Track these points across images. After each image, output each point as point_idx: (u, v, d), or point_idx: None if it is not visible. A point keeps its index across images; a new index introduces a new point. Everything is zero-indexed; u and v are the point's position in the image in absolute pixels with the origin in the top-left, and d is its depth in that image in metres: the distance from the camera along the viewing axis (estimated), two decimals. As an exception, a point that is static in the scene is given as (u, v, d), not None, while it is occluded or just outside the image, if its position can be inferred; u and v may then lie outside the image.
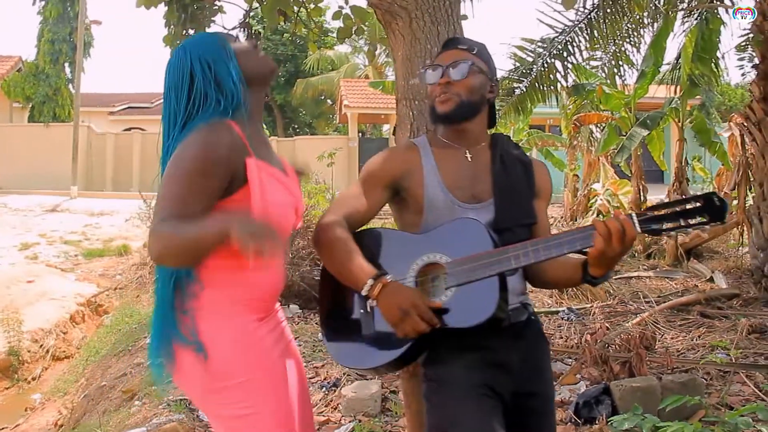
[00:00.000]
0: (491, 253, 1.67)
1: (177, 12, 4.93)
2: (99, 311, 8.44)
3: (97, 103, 27.70)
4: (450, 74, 1.83)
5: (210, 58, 1.73)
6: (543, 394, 1.86)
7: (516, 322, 1.82)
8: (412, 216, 1.88)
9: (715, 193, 1.58)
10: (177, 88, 1.74)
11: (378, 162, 1.92)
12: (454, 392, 1.72)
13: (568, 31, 7.36)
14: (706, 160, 15.56)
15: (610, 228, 1.58)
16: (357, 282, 1.72)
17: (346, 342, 1.81)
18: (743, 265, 7.55)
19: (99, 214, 15.31)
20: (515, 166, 1.91)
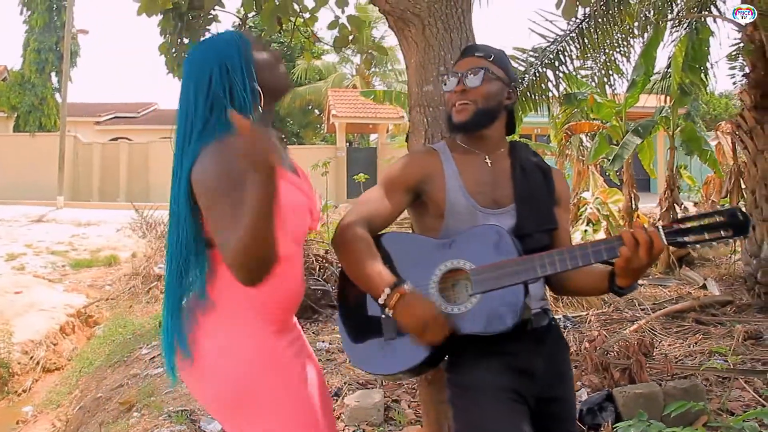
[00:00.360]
0: (517, 261, 1.68)
1: (173, 21, 4.92)
2: (89, 322, 8.34)
3: (83, 113, 27.56)
4: (466, 82, 1.84)
5: (229, 62, 1.70)
6: (565, 399, 1.86)
7: (537, 327, 1.82)
8: (432, 220, 1.88)
9: (738, 207, 1.61)
10: (196, 86, 1.70)
11: (400, 166, 1.92)
12: (482, 396, 1.72)
13: (560, 40, 7.42)
14: (691, 168, 15.71)
15: (638, 239, 1.59)
16: (374, 289, 1.71)
17: (366, 347, 1.79)
18: (735, 272, 7.62)
19: (86, 224, 15.18)
20: (535, 172, 1.92)
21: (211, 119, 1.68)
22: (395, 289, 1.67)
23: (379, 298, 1.69)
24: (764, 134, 5.84)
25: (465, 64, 1.88)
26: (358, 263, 1.75)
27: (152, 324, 6.02)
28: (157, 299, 7.12)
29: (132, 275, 8.22)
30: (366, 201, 1.89)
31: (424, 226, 1.92)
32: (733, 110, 21.48)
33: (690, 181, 13.95)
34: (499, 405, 1.70)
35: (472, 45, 1.99)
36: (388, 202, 1.86)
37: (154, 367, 4.85)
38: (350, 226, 1.80)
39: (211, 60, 1.70)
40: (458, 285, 1.75)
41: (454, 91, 1.86)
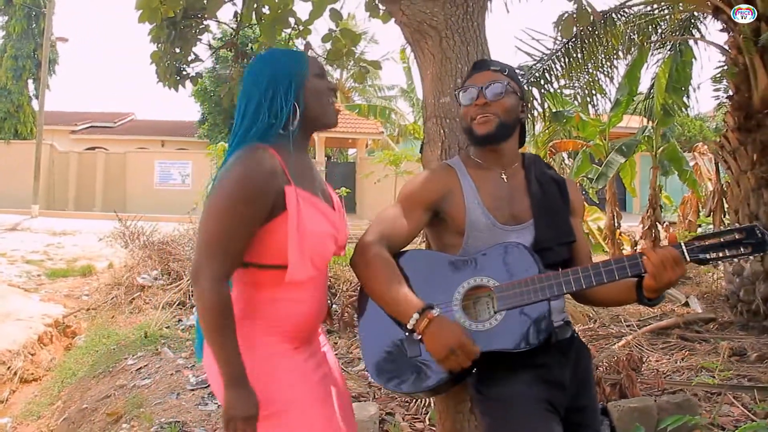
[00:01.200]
0: (540, 277, 1.70)
1: (167, 29, 4.90)
2: (67, 332, 8.19)
3: (58, 121, 27.24)
4: (486, 95, 1.85)
5: (281, 74, 1.73)
6: (591, 408, 1.88)
7: (562, 339, 1.84)
8: (451, 237, 1.89)
9: (757, 225, 1.65)
10: (249, 93, 1.74)
11: (418, 183, 1.92)
12: (521, 408, 1.72)
13: (546, 59, 7.51)
14: (667, 188, 15.95)
15: (662, 258, 1.63)
16: (402, 314, 1.71)
17: (390, 365, 1.78)
18: (716, 290, 7.73)
19: (61, 233, 14.94)
20: (551, 185, 1.94)
21: (257, 126, 1.70)
22: (424, 314, 1.68)
23: (408, 323, 1.69)
24: (747, 155, 5.96)
25: (483, 78, 1.90)
26: (383, 286, 1.75)
27: (137, 335, 5.92)
28: (141, 310, 7.01)
29: (114, 285, 8.09)
30: (385, 220, 1.89)
31: (444, 243, 1.93)
32: (707, 132, 21.91)
33: (667, 200, 14.16)
34: (538, 415, 1.71)
35: (485, 60, 2.01)
36: (407, 221, 1.87)
37: (142, 377, 4.77)
38: (371, 246, 1.80)
39: (267, 70, 1.74)
40: (479, 302, 1.77)
41: (475, 104, 1.87)
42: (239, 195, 1.60)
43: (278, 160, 1.66)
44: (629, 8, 7.47)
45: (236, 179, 1.62)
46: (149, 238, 8.81)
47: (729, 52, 6.28)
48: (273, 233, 1.65)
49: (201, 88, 22.15)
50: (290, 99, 1.72)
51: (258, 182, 1.61)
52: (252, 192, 1.60)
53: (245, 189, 1.60)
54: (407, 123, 19.30)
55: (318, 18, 4.73)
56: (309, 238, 1.67)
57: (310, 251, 1.67)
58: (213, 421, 3.77)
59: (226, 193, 1.62)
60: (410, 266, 1.82)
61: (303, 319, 1.75)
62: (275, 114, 1.70)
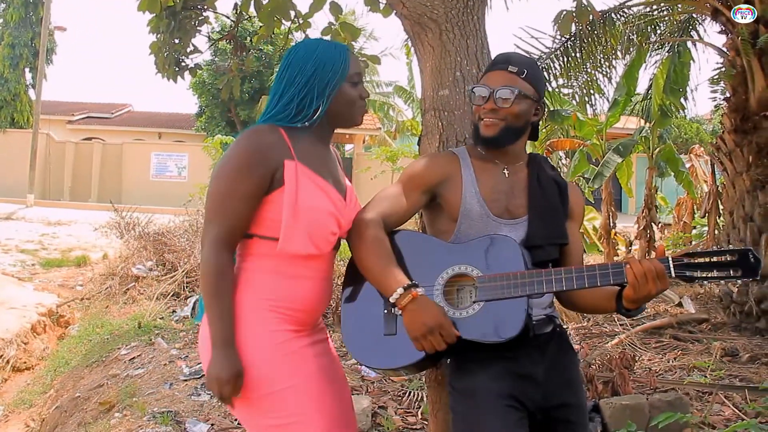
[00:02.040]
0: (524, 274, 1.70)
1: (166, 19, 4.89)
2: (60, 322, 8.18)
3: (55, 111, 27.16)
4: (497, 100, 1.84)
5: (321, 68, 1.78)
6: (576, 405, 1.86)
7: (540, 334, 1.84)
8: (445, 223, 1.90)
9: (751, 249, 1.62)
10: (289, 77, 1.80)
11: (420, 166, 1.94)
12: (480, 403, 1.74)
13: (544, 57, 7.51)
14: (662, 189, 15.99)
15: (645, 270, 1.61)
16: (387, 287, 1.72)
17: (366, 341, 1.80)
18: (709, 291, 7.77)
19: (56, 223, 14.92)
20: (551, 186, 1.94)
21: (282, 114, 1.78)
22: (408, 290, 1.69)
23: (391, 296, 1.70)
24: (743, 156, 5.99)
25: (497, 79, 1.87)
26: (373, 259, 1.77)
27: (131, 325, 5.92)
28: (135, 300, 7.01)
29: (108, 275, 8.09)
30: (384, 198, 1.91)
31: (437, 229, 1.94)
32: (704, 135, 21.96)
33: (663, 202, 14.21)
34: (496, 412, 1.72)
35: (505, 56, 1.96)
36: (406, 201, 1.88)
37: (135, 367, 4.78)
38: (367, 222, 1.82)
39: (308, 58, 1.79)
40: (463, 290, 1.77)
41: (484, 107, 1.86)
42: (238, 163, 1.70)
43: (284, 137, 1.74)
44: (628, 8, 7.47)
45: (238, 150, 1.72)
46: (145, 229, 8.80)
47: (727, 54, 6.30)
48: (272, 204, 1.71)
49: (199, 81, 22.09)
50: (321, 100, 1.79)
51: (257, 153, 1.70)
52: (250, 161, 1.69)
53: (244, 158, 1.70)
54: (405, 119, 19.29)
55: (318, 11, 4.72)
56: (304, 211, 1.71)
57: (305, 225, 1.71)
58: (206, 411, 3.78)
59: (228, 162, 1.72)
60: (402, 245, 1.84)
61: (302, 297, 1.77)
62: (303, 110, 1.78)
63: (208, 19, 5.16)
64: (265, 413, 1.70)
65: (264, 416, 1.71)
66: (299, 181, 1.71)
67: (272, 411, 1.70)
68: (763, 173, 5.83)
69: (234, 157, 1.72)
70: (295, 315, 1.76)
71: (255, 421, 1.74)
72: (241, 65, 5.43)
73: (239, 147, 1.73)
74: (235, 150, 1.73)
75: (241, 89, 5.28)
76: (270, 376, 1.69)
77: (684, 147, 19.72)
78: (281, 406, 1.70)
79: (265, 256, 1.74)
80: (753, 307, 5.86)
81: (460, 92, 2.21)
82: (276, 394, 1.69)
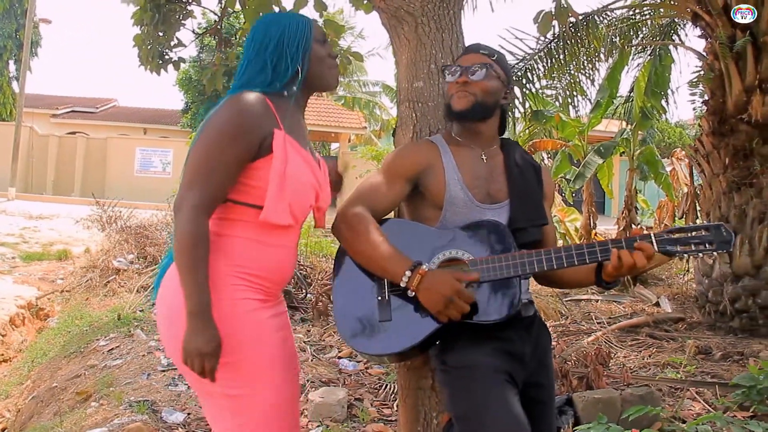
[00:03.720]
0: (514, 255, 1.76)
1: (150, 11, 4.89)
2: (40, 315, 8.14)
3: (39, 104, 26.93)
4: (469, 75, 1.92)
5: (288, 37, 1.79)
6: (547, 385, 1.94)
7: (526, 316, 1.90)
8: (430, 211, 1.94)
9: (723, 224, 1.73)
10: (257, 47, 1.81)
11: (401, 155, 1.98)
12: (481, 378, 1.77)
13: (528, 58, 7.57)
14: (645, 192, 16.13)
15: (621, 257, 1.72)
16: (392, 272, 1.76)
17: (362, 328, 1.83)
18: (686, 291, 7.87)
19: (38, 217, 14.79)
20: (528, 169, 2.01)
21: (259, 79, 1.77)
22: (416, 270, 1.73)
23: (400, 281, 1.73)
24: (720, 159, 6.07)
25: (469, 59, 1.96)
26: (369, 246, 1.80)
27: (110, 317, 5.90)
28: (116, 293, 6.99)
29: (89, 268, 8.06)
30: (368, 189, 1.94)
31: (421, 216, 1.98)
32: (687, 139, 22.18)
33: (644, 204, 14.34)
34: (497, 384, 1.76)
35: (476, 43, 2.05)
36: (390, 191, 1.91)
37: (113, 358, 4.78)
38: (357, 215, 1.85)
39: (275, 29, 1.80)
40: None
41: (456, 81, 1.93)
42: (226, 130, 1.68)
43: (270, 106, 1.74)
44: (611, 11, 7.56)
45: (225, 116, 1.70)
46: (126, 222, 8.78)
47: (706, 58, 6.38)
48: (256, 171, 1.71)
49: (185, 77, 22.03)
50: (296, 62, 1.79)
51: (246, 120, 1.68)
52: (239, 128, 1.68)
53: (233, 125, 1.68)
54: (390, 117, 19.33)
55: (303, 8, 4.75)
56: (290, 182, 1.72)
57: (289, 196, 1.72)
58: (183, 401, 3.79)
59: (214, 127, 1.69)
60: (391, 234, 1.86)
61: (273, 267, 1.78)
62: (279, 75, 1.78)
63: (192, 12, 5.17)
64: (219, 382, 1.67)
65: (218, 384, 1.68)
66: (287, 151, 1.72)
67: (227, 379, 1.68)
68: (739, 175, 5.91)
69: (224, 121, 1.68)
70: (264, 284, 1.77)
71: (207, 387, 1.71)
72: (224, 60, 5.44)
73: (229, 111, 1.70)
74: (224, 115, 1.70)
75: (224, 84, 5.29)
76: (232, 344, 1.67)
77: (667, 151, 19.90)
78: (236, 376, 1.69)
79: (243, 223, 1.73)
80: (727, 307, 5.94)
81: (434, 84, 2.25)
82: (235, 363, 1.68)
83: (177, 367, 1.84)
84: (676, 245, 1.74)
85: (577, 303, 7.38)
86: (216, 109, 1.73)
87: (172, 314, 1.72)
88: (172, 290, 1.70)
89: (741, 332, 5.85)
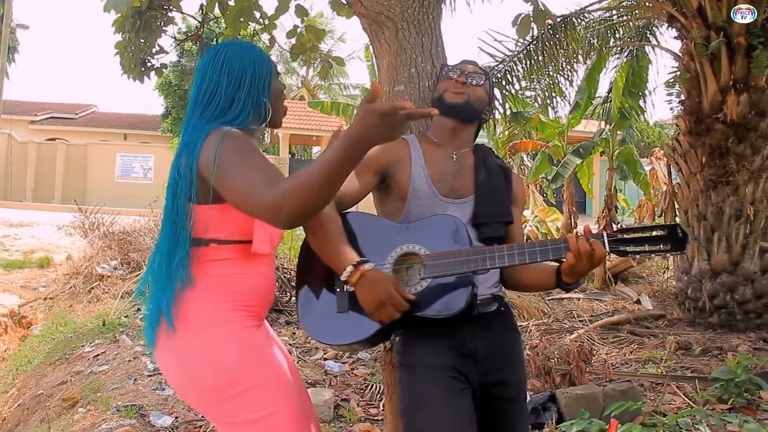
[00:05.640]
0: (468, 251, 1.78)
1: (132, 18, 4.90)
2: (22, 323, 8.09)
3: (17, 111, 26.70)
4: (468, 77, 2.00)
5: (260, 73, 1.81)
6: (513, 382, 1.95)
7: (484, 312, 1.93)
8: (394, 204, 1.99)
9: (679, 225, 1.73)
10: (228, 77, 1.79)
11: (372, 149, 2.01)
12: (421, 375, 1.83)
13: (507, 60, 7.66)
14: (625, 192, 16.31)
15: (580, 247, 1.72)
16: (337, 265, 1.79)
17: (321, 319, 1.87)
18: (667, 289, 7.99)
19: (18, 225, 14.66)
20: (497, 171, 2.06)
21: (230, 112, 1.77)
22: (357, 267, 1.75)
23: (342, 274, 1.77)
24: (697, 158, 6.19)
25: (470, 68, 2.05)
26: (326, 239, 1.82)
27: (95, 323, 5.88)
28: (99, 299, 6.96)
29: (72, 275, 8.01)
30: None
31: (387, 210, 2.03)
32: (666, 139, 22.42)
33: (624, 203, 14.51)
34: (437, 381, 1.81)
35: (473, 60, 2.13)
36: (358, 183, 1.94)
37: (99, 364, 4.77)
38: None
39: (247, 62, 1.81)
40: (412, 268, 1.85)
41: (456, 80, 2.00)
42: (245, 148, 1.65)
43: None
44: (589, 13, 7.67)
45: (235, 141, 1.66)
46: (109, 228, 8.74)
47: (682, 59, 6.50)
48: (236, 211, 1.68)
49: (165, 82, 21.93)
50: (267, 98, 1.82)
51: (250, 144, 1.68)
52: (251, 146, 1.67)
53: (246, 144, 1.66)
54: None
55: (284, 13, 4.78)
56: None
57: (270, 228, 1.75)
58: (170, 405, 3.80)
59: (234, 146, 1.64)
60: (353, 226, 1.91)
61: (264, 293, 1.83)
62: (258, 111, 1.80)
63: (173, 19, 5.18)
64: (241, 409, 1.72)
65: (239, 412, 1.72)
66: None
67: (250, 405, 1.72)
68: (716, 174, 6.03)
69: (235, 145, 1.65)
70: (253, 309, 1.81)
71: (228, 419, 1.75)
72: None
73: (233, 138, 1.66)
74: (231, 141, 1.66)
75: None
76: (246, 373, 1.72)
77: (647, 150, 20.13)
78: (258, 399, 1.73)
79: (224, 260, 1.76)
80: (706, 303, 6.05)
81: (414, 87, 2.30)
82: (254, 387, 1.72)
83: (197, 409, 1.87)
84: (629, 245, 1.73)
85: (560, 301, 7.47)
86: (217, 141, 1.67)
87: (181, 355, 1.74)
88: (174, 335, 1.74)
89: (720, 328, 5.96)
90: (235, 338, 1.74)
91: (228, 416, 1.74)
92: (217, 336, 1.72)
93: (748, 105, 5.92)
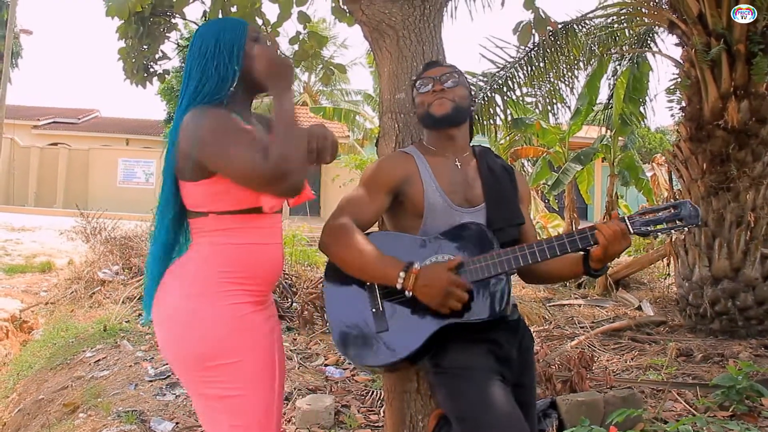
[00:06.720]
0: (500, 252, 1.83)
1: (135, 24, 4.92)
2: (23, 327, 8.09)
3: (20, 116, 26.70)
4: (442, 83, 2.01)
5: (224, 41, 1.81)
6: (530, 387, 2.00)
7: (511, 320, 1.97)
8: (410, 220, 2.00)
9: (688, 201, 1.83)
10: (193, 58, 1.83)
11: (380, 168, 2.03)
12: (480, 378, 1.81)
13: (509, 67, 7.67)
14: (627, 198, 16.32)
15: (613, 231, 1.80)
16: (387, 276, 1.80)
17: (359, 342, 1.87)
18: (668, 294, 7.99)
19: (20, 229, 14.68)
20: (502, 173, 2.08)
21: (206, 88, 1.78)
22: (408, 270, 1.78)
23: (396, 284, 1.78)
24: (698, 164, 6.19)
25: (437, 71, 2.05)
26: (359, 255, 1.84)
27: (96, 328, 5.89)
28: (101, 304, 6.97)
29: (74, 279, 8.03)
30: (351, 202, 1.98)
31: (402, 226, 2.03)
32: (667, 145, 22.43)
33: (626, 209, 14.49)
34: (494, 384, 1.81)
35: (435, 60, 2.18)
36: (372, 203, 1.97)
37: (100, 369, 4.78)
38: (345, 227, 1.89)
39: (210, 36, 1.82)
40: None
41: (432, 91, 2.01)
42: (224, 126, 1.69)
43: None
44: (590, 20, 7.68)
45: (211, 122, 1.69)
46: (111, 233, 8.76)
47: (682, 66, 6.51)
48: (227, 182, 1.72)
49: (167, 87, 21.98)
50: (234, 63, 1.80)
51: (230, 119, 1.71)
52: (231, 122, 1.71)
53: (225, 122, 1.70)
54: (373, 127, 19.39)
55: (286, 20, 4.80)
56: None
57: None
58: (171, 411, 3.81)
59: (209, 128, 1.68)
60: (377, 245, 1.90)
61: (268, 268, 1.84)
62: (223, 77, 1.79)
63: (176, 25, 5.20)
64: (214, 382, 1.74)
65: (212, 385, 1.74)
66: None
67: (222, 381, 1.74)
68: (717, 180, 6.03)
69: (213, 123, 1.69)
70: (253, 286, 1.81)
71: (200, 389, 1.77)
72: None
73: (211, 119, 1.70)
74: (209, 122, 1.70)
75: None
76: (230, 346, 1.73)
77: (648, 156, 20.13)
78: (234, 378, 1.74)
79: (223, 231, 1.77)
80: (707, 310, 6.04)
81: (416, 95, 2.31)
82: (233, 365, 1.74)
83: (175, 371, 1.88)
84: (649, 225, 1.83)
85: (561, 308, 7.48)
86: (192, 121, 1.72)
87: (173, 313, 1.77)
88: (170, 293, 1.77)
89: (721, 334, 5.95)
90: (224, 311, 1.75)
91: (200, 385, 1.76)
92: (208, 305, 1.73)
93: (749, 112, 5.92)
